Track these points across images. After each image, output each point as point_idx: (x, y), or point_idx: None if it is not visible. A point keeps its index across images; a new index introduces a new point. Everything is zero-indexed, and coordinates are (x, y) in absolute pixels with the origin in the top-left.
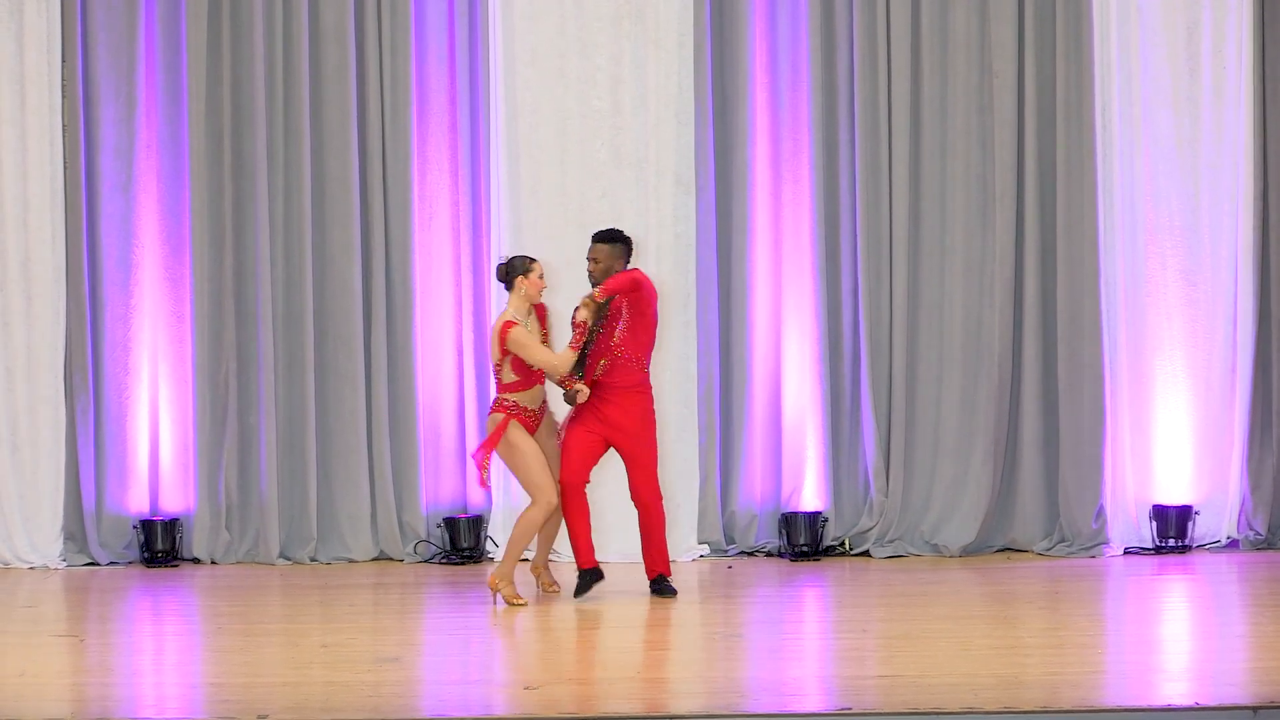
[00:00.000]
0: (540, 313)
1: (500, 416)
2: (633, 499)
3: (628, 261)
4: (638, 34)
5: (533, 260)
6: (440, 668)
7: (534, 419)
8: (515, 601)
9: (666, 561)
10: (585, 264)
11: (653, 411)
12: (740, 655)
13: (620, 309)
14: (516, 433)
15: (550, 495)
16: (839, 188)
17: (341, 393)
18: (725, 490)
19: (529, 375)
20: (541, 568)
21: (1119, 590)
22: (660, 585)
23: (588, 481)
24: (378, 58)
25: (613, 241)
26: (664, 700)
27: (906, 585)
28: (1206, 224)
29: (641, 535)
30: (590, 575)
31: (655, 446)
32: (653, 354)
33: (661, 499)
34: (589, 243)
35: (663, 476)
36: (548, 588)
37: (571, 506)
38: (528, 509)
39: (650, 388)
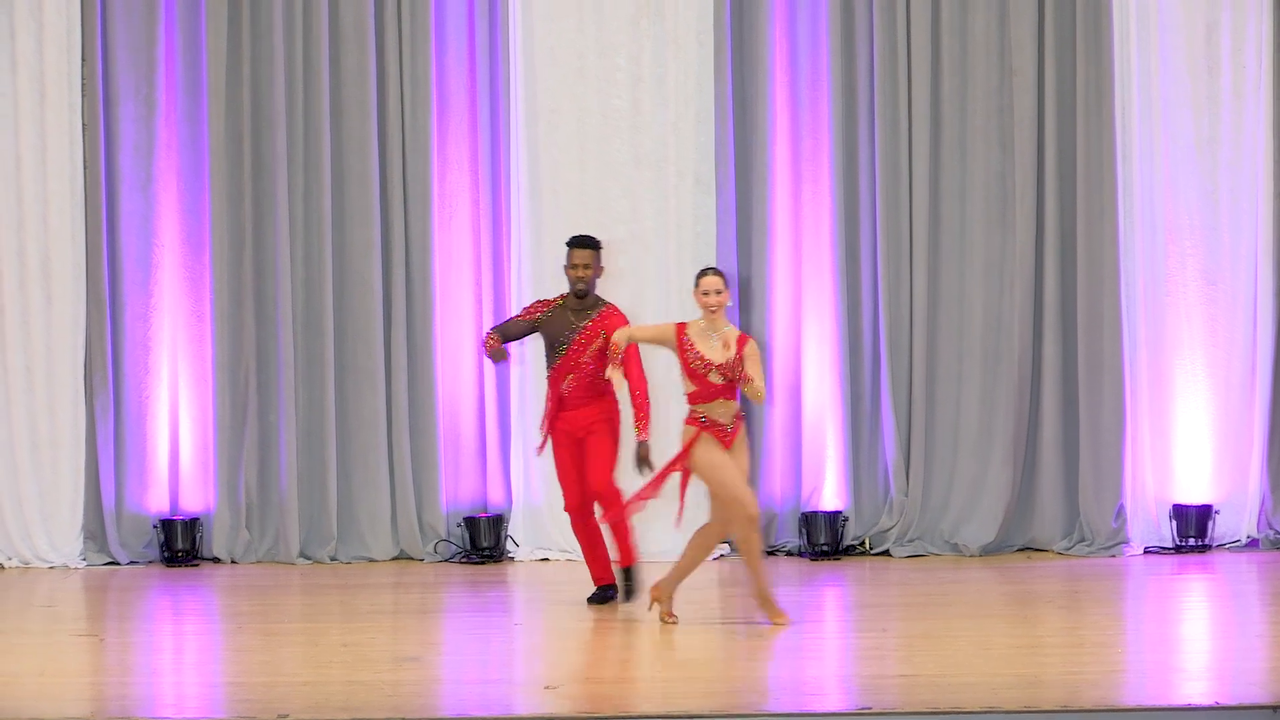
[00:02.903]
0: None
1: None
2: (588, 496)
3: None
4: (657, 33)
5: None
6: (460, 667)
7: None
8: (666, 619)
9: (630, 553)
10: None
11: (616, 412)
12: (760, 654)
13: (597, 335)
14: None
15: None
16: (859, 187)
17: (361, 392)
18: None
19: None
20: (667, 594)
21: (1139, 590)
22: (627, 576)
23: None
24: (398, 57)
25: (598, 246)
26: (684, 699)
27: (926, 584)
28: (1226, 223)
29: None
30: (610, 588)
31: (613, 446)
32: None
33: (620, 495)
34: (609, 245)
35: None
36: (665, 617)
37: (582, 527)
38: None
39: (614, 391)
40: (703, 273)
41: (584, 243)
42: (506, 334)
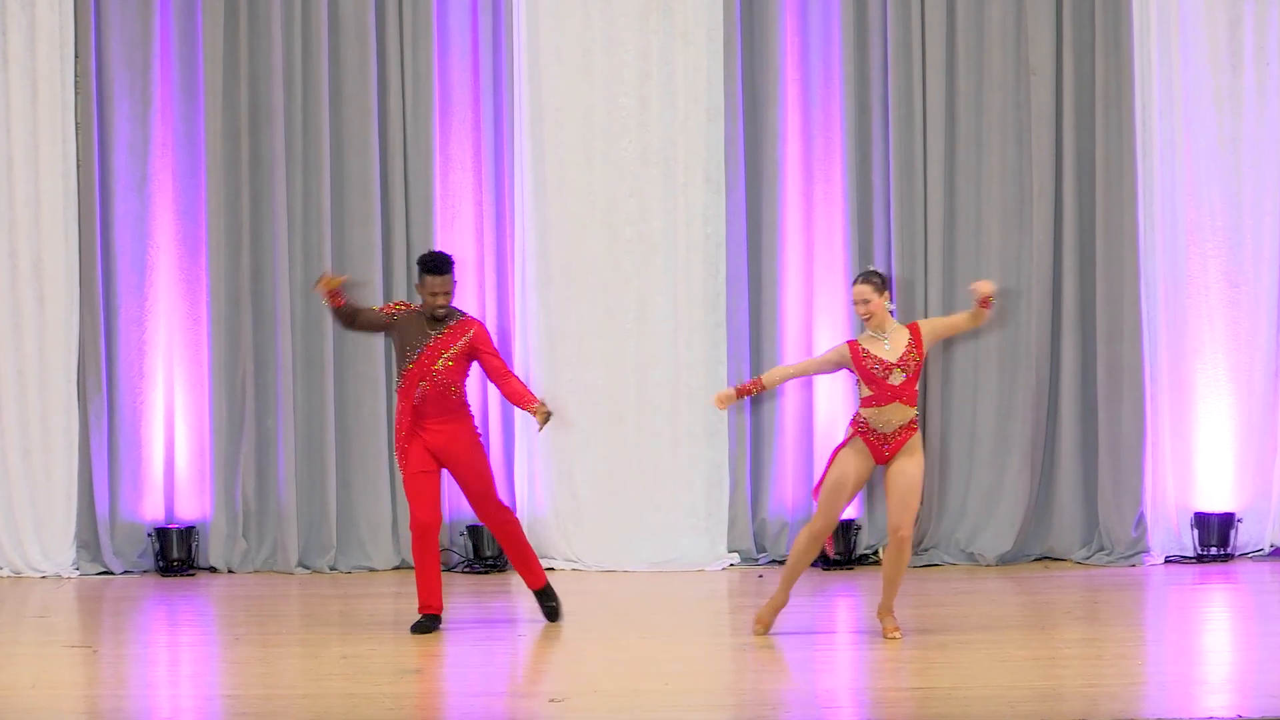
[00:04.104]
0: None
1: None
2: (482, 522)
3: None
4: (666, 29)
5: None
6: (463, 679)
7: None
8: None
9: (541, 572)
10: (569, 272)
11: (477, 432)
12: (771, 666)
13: (453, 343)
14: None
15: (816, 521)
16: (872, 186)
17: (361, 396)
18: (756, 498)
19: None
20: (886, 612)
21: (1159, 600)
22: (545, 596)
23: (441, 521)
24: (399, 53)
25: (452, 269)
26: (693, 712)
27: (942, 595)
28: (1249, 224)
29: (507, 554)
30: (433, 619)
31: (488, 465)
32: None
33: (511, 510)
34: (615, 246)
35: (693, 483)
36: (890, 633)
37: (427, 549)
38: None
39: (469, 409)
40: (855, 280)
41: (438, 268)
42: (356, 311)
